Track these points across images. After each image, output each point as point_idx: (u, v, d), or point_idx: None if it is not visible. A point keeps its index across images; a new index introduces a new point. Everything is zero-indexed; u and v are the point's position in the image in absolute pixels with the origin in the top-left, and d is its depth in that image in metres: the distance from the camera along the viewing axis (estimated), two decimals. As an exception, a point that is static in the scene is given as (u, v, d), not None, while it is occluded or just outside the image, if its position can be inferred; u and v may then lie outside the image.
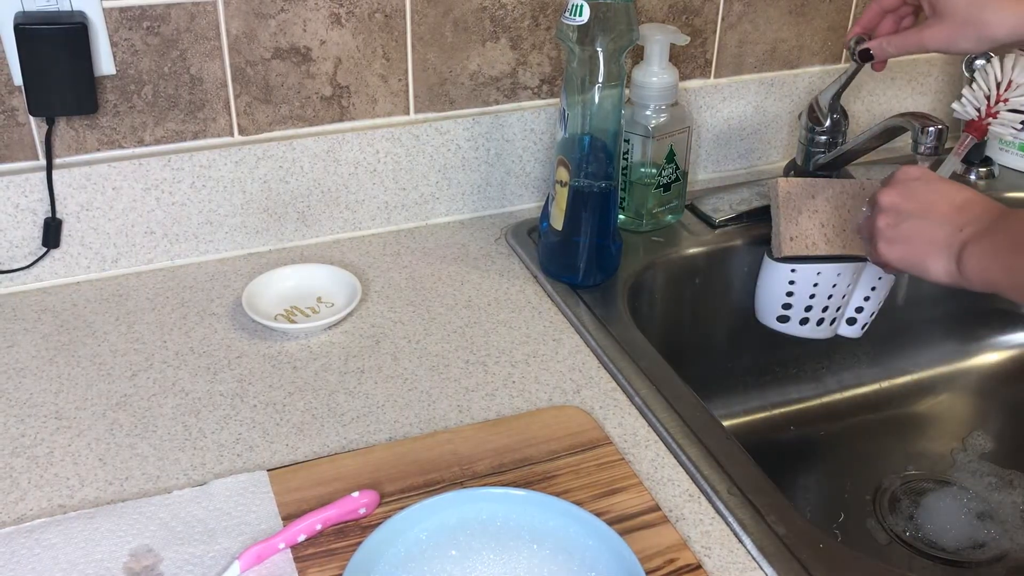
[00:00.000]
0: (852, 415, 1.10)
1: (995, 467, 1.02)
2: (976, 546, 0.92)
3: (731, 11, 1.11)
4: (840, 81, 1.00)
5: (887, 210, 0.76)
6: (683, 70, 1.11)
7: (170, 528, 0.66)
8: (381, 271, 0.98)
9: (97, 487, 0.71)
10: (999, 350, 1.19)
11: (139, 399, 0.80)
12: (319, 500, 0.68)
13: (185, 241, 0.98)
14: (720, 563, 0.65)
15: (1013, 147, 1.20)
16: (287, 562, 0.63)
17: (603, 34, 0.84)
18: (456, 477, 0.71)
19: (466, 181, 1.06)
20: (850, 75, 0.98)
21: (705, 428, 0.76)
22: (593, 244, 0.92)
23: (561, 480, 0.71)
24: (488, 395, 0.81)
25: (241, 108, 0.96)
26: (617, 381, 0.82)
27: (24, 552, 0.64)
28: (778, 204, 0.90)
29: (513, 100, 1.06)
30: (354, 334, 0.89)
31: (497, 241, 1.04)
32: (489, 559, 0.62)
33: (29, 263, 0.94)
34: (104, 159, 0.93)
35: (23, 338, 0.87)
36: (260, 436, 0.76)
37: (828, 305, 0.94)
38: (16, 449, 0.75)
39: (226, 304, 0.93)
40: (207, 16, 0.91)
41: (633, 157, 1.02)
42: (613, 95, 0.87)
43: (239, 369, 0.84)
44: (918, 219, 0.73)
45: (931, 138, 0.85)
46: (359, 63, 0.98)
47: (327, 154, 0.99)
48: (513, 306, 0.93)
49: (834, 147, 1.03)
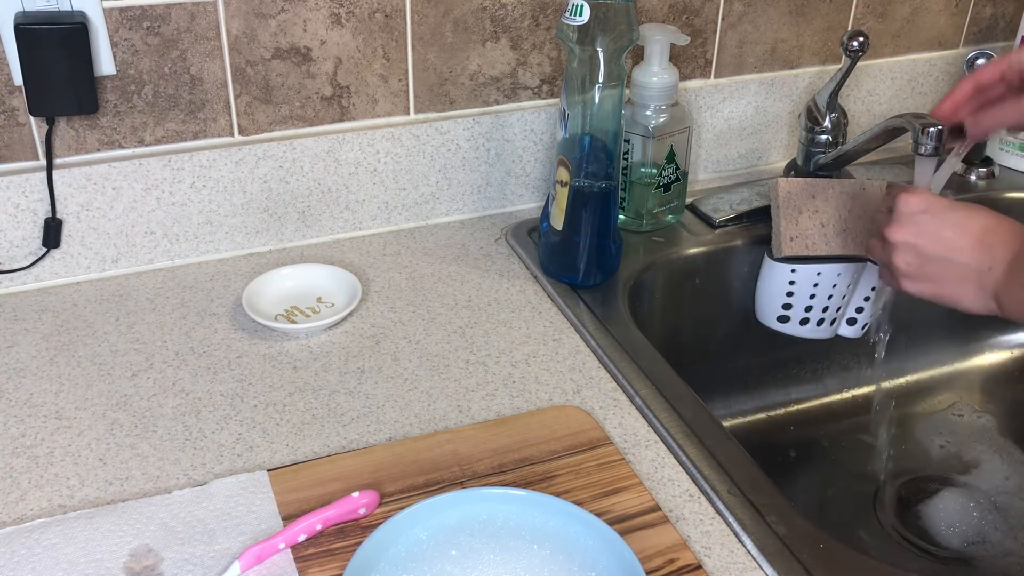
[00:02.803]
0: (852, 415, 1.10)
1: (995, 467, 1.02)
2: (977, 546, 0.92)
3: (731, 11, 1.11)
4: (836, 79, 1.00)
5: (903, 249, 0.74)
6: (683, 70, 1.11)
7: (170, 528, 0.66)
8: (381, 271, 0.98)
9: (97, 487, 0.71)
10: (1000, 350, 1.19)
11: (139, 399, 0.80)
12: (319, 500, 0.68)
13: (185, 241, 0.98)
14: (720, 563, 0.65)
15: (1013, 147, 1.20)
16: (287, 562, 0.63)
17: (603, 34, 0.84)
18: (456, 477, 0.71)
19: (466, 181, 1.06)
20: (845, 72, 0.98)
21: (705, 428, 0.76)
22: (593, 244, 0.92)
23: (561, 480, 0.71)
24: (488, 395, 0.81)
25: (241, 108, 0.96)
26: (617, 381, 0.82)
27: (24, 552, 0.64)
28: (778, 204, 0.90)
29: (513, 100, 1.06)
30: (354, 334, 0.89)
31: (497, 241, 1.04)
32: (489, 559, 0.62)
33: (29, 263, 0.94)
34: (104, 159, 0.93)
35: (23, 338, 0.87)
36: (260, 436, 0.76)
37: (828, 305, 0.94)
38: (16, 449, 0.75)
39: (226, 304, 0.93)
40: (207, 16, 0.91)
41: (633, 157, 1.02)
42: (613, 95, 0.87)
43: (239, 369, 0.84)
44: (942, 260, 0.72)
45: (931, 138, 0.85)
46: (359, 63, 0.98)
47: (327, 154, 0.99)
48: (513, 306, 0.93)
49: (834, 147, 1.03)
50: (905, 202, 0.74)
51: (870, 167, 1.15)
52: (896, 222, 0.75)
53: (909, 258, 0.74)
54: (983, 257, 0.70)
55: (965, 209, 0.73)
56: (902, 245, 0.74)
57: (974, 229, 0.71)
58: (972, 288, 0.71)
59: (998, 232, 0.70)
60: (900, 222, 0.74)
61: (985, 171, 1.19)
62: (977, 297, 0.71)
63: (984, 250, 0.70)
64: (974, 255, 0.70)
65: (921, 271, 0.74)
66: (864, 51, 0.93)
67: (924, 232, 0.73)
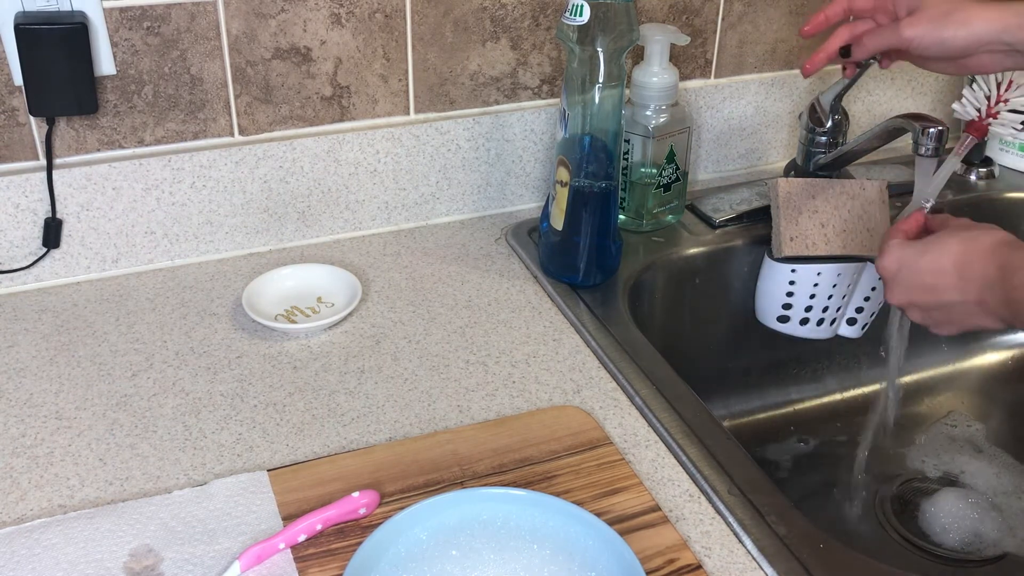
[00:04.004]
0: (852, 415, 1.10)
1: (995, 467, 1.02)
2: (977, 546, 0.92)
3: (731, 11, 1.11)
4: (843, 83, 0.99)
5: (908, 308, 0.76)
6: (683, 70, 1.11)
7: (170, 528, 0.66)
8: (381, 271, 0.98)
9: (97, 487, 0.71)
10: (999, 350, 1.19)
11: (139, 399, 0.80)
12: (319, 500, 0.68)
13: (185, 241, 0.98)
14: (720, 563, 0.65)
15: (1013, 147, 1.20)
16: (287, 562, 0.63)
17: (603, 34, 0.84)
18: (456, 477, 0.71)
19: (466, 181, 1.06)
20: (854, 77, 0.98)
21: (705, 428, 0.76)
22: (593, 244, 0.92)
23: (561, 480, 0.71)
24: (488, 395, 0.81)
25: (241, 108, 0.96)
26: (617, 381, 0.82)
27: (24, 552, 0.64)
28: (778, 204, 0.90)
29: (513, 100, 1.06)
30: (354, 334, 0.89)
31: (497, 241, 1.04)
32: (489, 559, 0.62)
33: (29, 263, 0.94)
34: (104, 159, 0.93)
35: (23, 338, 0.87)
36: (260, 436, 0.76)
37: (828, 305, 0.94)
38: (16, 449, 0.75)
39: (226, 304, 0.93)
40: (207, 16, 0.91)
41: (633, 157, 1.02)
42: (613, 95, 0.87)
43: (239, 369, 0.84)
44: (941, 308, 0.73)
45: (931, 139, 0.85)
46: (359, 63, 0.98)
47: (327, 154, 0.99)
48: (513, 306, 0.93)
49: (834, 147, 1.03)
50: (882, 268, 0.76)
51: (870, 167, 1.15)
52: (887, 288, 0.76)
53: (916, 315, 0.75)
54: (969, 289, 0.70)
55: (934, 248, 0.73)
56: (905, 306, 0.76)
57: (948, 267, 0.71)
58: (980, 314, 0.71)
59: (971, 261, 0.71)
60: (889, 287, 0.76)
61: (985, 171, 1.19)
62: (989, 319, 0.71)
63: (967, 283, 0.71)
64: (962, 292, 0.71)
65: (933, 319, 0.75)
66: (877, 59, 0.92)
67: (910, 288, 0.74)
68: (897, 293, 0.75)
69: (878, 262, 0.76)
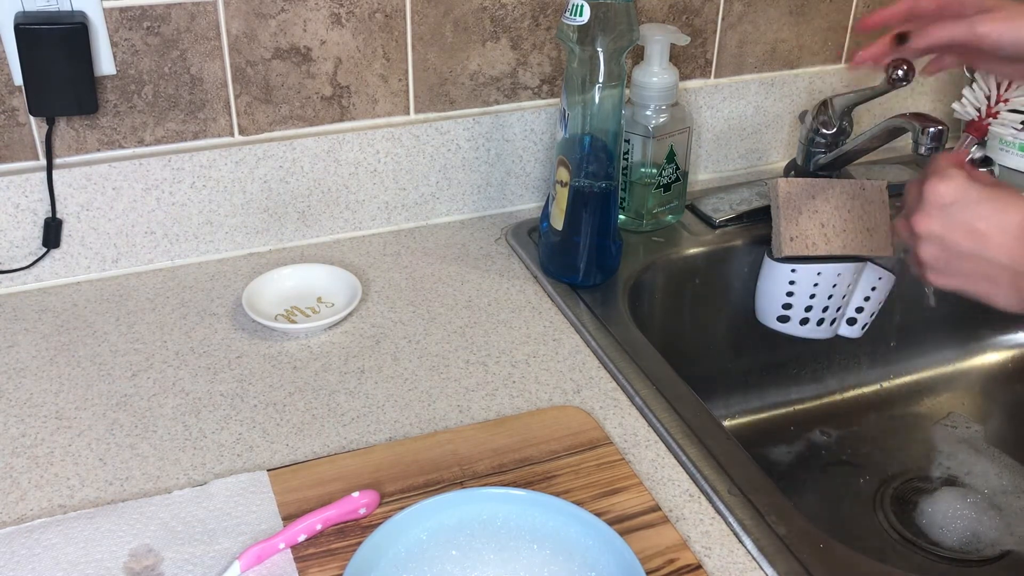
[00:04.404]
0: (853, 415, 1.10)
1: (996, 467, 1.02)
2: (976, 545, 0.92)
3: (731, 11, 1.11)
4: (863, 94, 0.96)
5: (928, 240, 0.68)
6: (683, 70, 1.11)
7: (170, 528, 0.66)
8: (381, 271, 0.98)
9: (97, 487, 0.71)
10: (999, 350, 1.19)
11: (139, 399, 0.80)
12: (319, 500, 0.68)
13: (185, 241, 0.98)
14: (720, 563, 0.65)
15: (1013, 147, 1.20)
16: (287, 562, 0.63)
17: (603, 34, 0.84)
18: (456, 477, 0.71)
19: (466, 181, 1.06)
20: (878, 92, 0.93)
21: (705, 428, 0.76)
22: (593, 244, 0.92)
23: (561, 480, 0.71)
24: (488, 395, 0.81)
25: (241, 108, 0.96)
26: (617, 381, 0.82)
27: (24, 552, 0.64)
28: (778, 204, 0.90)
29: (513, 100, 1.06)
30: (354, 334, 0.89)
31: (497, 241, 1.04)
32: (489, 559, 0.62)
33: (29, 263, 0.94)
34: (104, 159, 0.93)
35: (23, 338, 0.87)
36: (260, 436, 0.76)
37: (828, 305, 0.94)
38: (16, 449, 0.75)
39: (226, 304, 0.93)
40: (207, 16, 0.91)
41: (633, 157, 1.02)
42: (613, 95, 0.87)
43: (239, 369, 0.84)
44: (973, 256, 0.66)
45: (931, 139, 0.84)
46: (359, 63, 0.98)
47: (327, 154, 0.99)
48: (513, 306, 0.93)
49: (835, 147, 1.03)
50: (934, 191, 0.67)
51: (870, 167, 1.15)
52: (924, 211, 0.68)
53: (936, 251, 0.68)
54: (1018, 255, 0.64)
55: (1003, 199, 0.65)
56: (927, 236, 0.68)
57: (1012, 225, 0.65)
58: (1005, 287, 0.66)
59: None
60: (928, 212, 0.68)
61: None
62: (1010, 296, 0.66)
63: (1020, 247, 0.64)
64: (1012, 254, 0.65)
65: (948, 265, 0.68)
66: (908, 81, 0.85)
67: (954, 225, 0.67)
68: (934, 222, 0.67)
69: (934, 185, 0.68)
